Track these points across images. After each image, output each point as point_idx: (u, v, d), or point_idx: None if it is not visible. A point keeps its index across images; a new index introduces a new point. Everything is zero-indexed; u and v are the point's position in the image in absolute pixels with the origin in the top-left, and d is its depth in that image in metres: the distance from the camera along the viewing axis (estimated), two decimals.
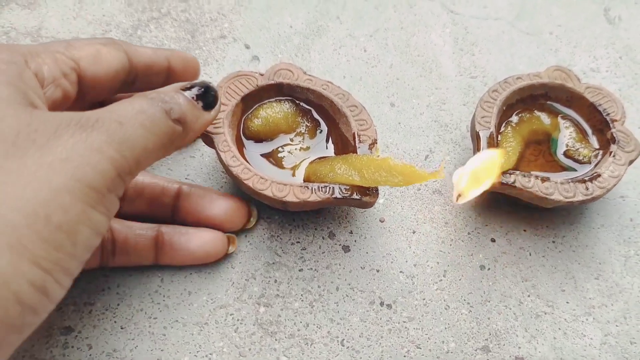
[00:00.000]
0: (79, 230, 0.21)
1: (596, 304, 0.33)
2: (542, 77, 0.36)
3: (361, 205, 0.31)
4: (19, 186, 0.19)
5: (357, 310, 0.31)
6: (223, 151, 0.31)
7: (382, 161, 0.30)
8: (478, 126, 0.33)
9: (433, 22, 0.43)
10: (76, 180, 0.20)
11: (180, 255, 0.31)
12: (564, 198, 0.31)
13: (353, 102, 0.34)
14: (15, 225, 0.19)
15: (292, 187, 0.30)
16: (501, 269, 0.33)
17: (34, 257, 0.19)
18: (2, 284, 0.19)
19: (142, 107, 0.24)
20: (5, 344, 0.20)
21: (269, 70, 0.34)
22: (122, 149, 0.22)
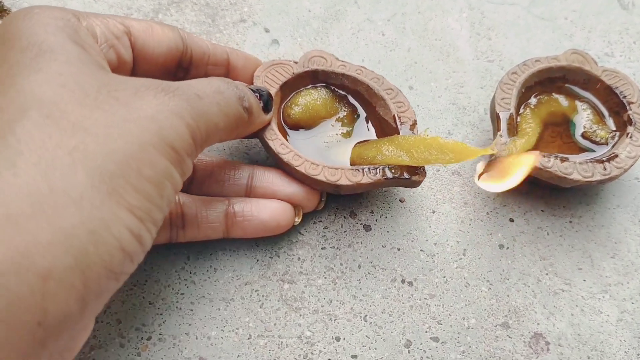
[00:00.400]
0: (165, 185, 0.22)
1: (612, 282, 0.33)
2: (560, 60, 0.36)
3: (410, 184, 0.32)
4: (110, 138, 0.20)
5: (379, 288, 0.32)
6: (271, 139, 0.31)
7: (432, 140, 0.30)
8: (498, 107, 0.34)
9: (450, 7, 0.44)
10: (161, 138, 0.21)
11: (252, 227, 0.31)
12: (582, 178, 0.32)
13: (388, 85, 0.34)
14: (112, 174, 0.20)
15: (343, 170, 0.31)
16: (520, 247, 0.34)
17: (129, 205, 0.20)
18: (106, 229, 0.19)
19: (219, 87, 0.26)
20: (106, 291, 0.20)
21: (302, 57, 0.34)
22: (199, 120, 0.23)
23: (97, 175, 0.19)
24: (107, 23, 0.26)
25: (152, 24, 0.28)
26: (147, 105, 0.22)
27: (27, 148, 0.19)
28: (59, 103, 0.20)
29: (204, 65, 0.31)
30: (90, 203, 0.19)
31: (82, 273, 0.19)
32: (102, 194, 0.19)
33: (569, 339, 0.31)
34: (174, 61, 0.29)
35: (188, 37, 0.30)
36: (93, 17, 0.25)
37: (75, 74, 0.21)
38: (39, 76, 0.21)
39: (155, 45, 0.28)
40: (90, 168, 0.19)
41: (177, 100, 0.23)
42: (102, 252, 0.19)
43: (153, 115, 0.22)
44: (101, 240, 0.19)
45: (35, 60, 0.21)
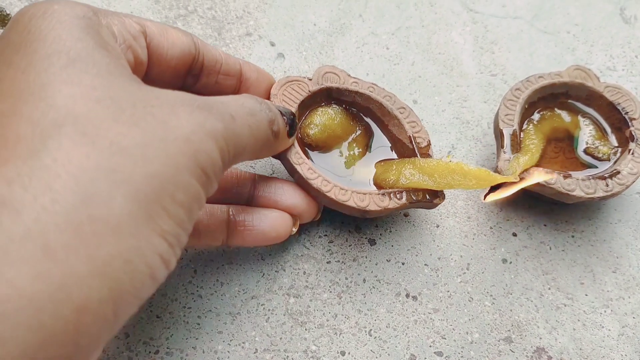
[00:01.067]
0: (194, 208, 0.21)
1: (614, 296, 0.34)
2: (563, 76, 0.36)
3: (431, 206, 0.32)
4: (148, 159, 0.19)
5: (383, 302, 0.33)
6: (298, 163, 0.31)
7: (456, 166, 0.31)
8: (502, 124, 0.34)
9: (453, 21, 0.44)
10: (195, 161, 0.21)
11: (251, 236, 0.30)
12: (585, 194, 0.32)
13: (400, 104, 0.34)
14: (149, 199, 0.19)
15: (371, 195, 0.31)
16: (522, 262, 0.34)
17: (162, 231, 0.20)
18: (141, 258, 0.19)
19: (252, 109, 0.25)
20: (127, 316, 0.20)
21: (316, 74, 0.34)
22: (230, 143, 0.23)
23: (134, 200, 0.19)
24: (124, 22, 0.25)
25: (166, 26, 0.28)
26: (183, 124, 0.21)
27: (65, 170, 0.18)
28: (94, 119, 0.19)
29: (215, 74, 0.30)
30: (127, 231, 0.18)
31: (115, 303, 0.18)
32: (139, 220, 0.19)
33: (571, 354, 0.32)
34: (186, 66, 0.29)
35: (201, 43, 0.29)
36: (111, 16, 0.25)
37: (109, 88, 0.20)
38: (73, 90, 0.20)
39: (169, 47, 0.27)
40: (128, 193, 0.19)
41: (213, 120, 0.22)
42: (135, 281, 0.19)
43: (189, 137, 0.21)
44: (135, 269, 0.19)
45: (66, 70, 0.20)
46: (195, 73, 0.30)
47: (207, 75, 0.30)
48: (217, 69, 0.30)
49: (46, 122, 0.19)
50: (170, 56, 0.27)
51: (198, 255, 0.33)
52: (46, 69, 0.20)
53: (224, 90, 0.31)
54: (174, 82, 0.29)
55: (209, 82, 0.30)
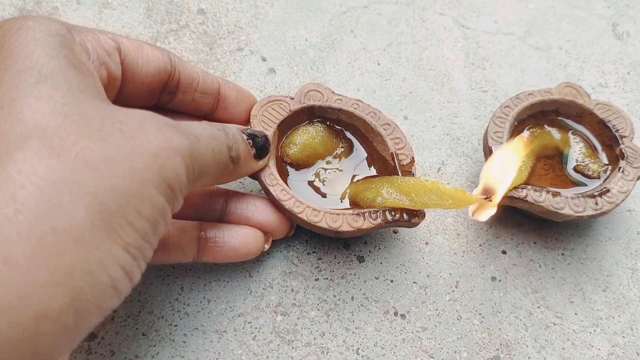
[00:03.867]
0: (159, 222, 0.22)
1: (604, 315, 0.33)
2: (553, 93, 0.36)
3: (409, 225, 0.31)
4: (113, 173, 0.20)
5: (371, 320, 0.32)
6: (271, 185, 0.31)
7: (432, 185, 0.30)
8: (491, 141, 0.34)
9: (445, 37, 0.44)
10: (162, 177, 0.21)
11: (222, 253, 0.30)
12: (574, 212, 0.32)
13: (385, 120, 0.34)
14: (112, 212, 0.19)
15: (344, 216, 0.30)
16: (512, 280, 0.34)
17: (125, 243, 0.20)
18: (102, 269, 0.19)
19: (213, 133, 0.26)
20: (90, 326, 0.20)
21: (298, 92, 0.34)
22: (194, 161, 0.23)
23: (97, 212, 0.19)
24: (98, 39, 0.25)
25: (142, 43, 0.28)
26: (151, 140, 0.21)
27: (29, 182, 0.18)
28: (61, 133, 0.20)
29: (191, 92, 0.30)
30: (89, 242, 0.19)
31: (76, 312, 0.19)
32: (102, 232, 0.19)
33: None
34: (161, 83, 0.29)
35: (178, 61, 0.29)
36: (85, 32, 0.25)
37: (78, 104, 0.21)
38: (42, 105, 0.20)
39: (143, 64, 0.27)
40: (91, 205, 0.19)
41: (180, 138, 0.23)
42: (97, 291, 0.19)
43: (156, 152, 0.21)
44: (96, 280, 0.19)
45: (37, 87, 0.21)
46: (171, 90, 0.30)
47: (183, 92, 0.30)
48: (194, 87, 0.30)
49: (14, 135, 0.19)
50: (145, 73, 0.28)
51: (185, 272, 0.33)
52: (17, 85, 0.20)
53: (201, 108, 0.31)
54: (149, 99, 0.29)
55: (185, 100, 0.31)
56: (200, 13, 0.44)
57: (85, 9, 0.43)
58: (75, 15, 0.42)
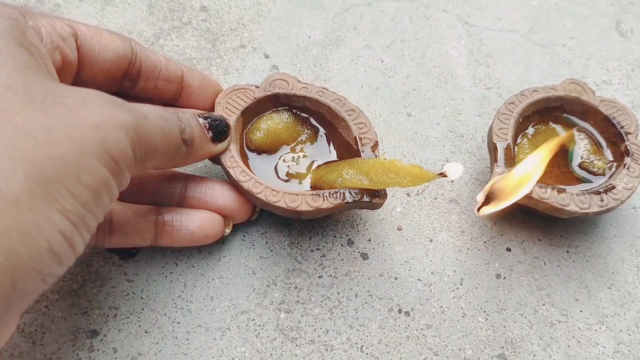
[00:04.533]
0: (101, 193, 0.22)
1: (609, 313, 0.33)
2: (558, 89, 0.36)
3: (371, 206, 0.32)
4: (52, 142, 0.20)
5: (375, 317, 0.32)
6: (231, 167, 0.31)
7: (390, 163, 0.30)
8: (495, 138, 0.34)
9: (448, 34, 0.44)
10: (103, 148, 0.22)
11: (179, 236, 0.31)
12: (579, 209, 0.32)
13: (350, 107, 0.34)
14: (50, 178, 0.20)
15: (304, 196, 0.31)
16: (516, 277, 0.34)
17: (64, 209, 0.20)
18: (39, 231, 0.19)
19: (164, 115, 0.26)
20: (32, 291, 0.21)
21: (264, 81, 0.35)
22: (141, 137, 0.24)
23: (35, 178, 0.19)
24: (53, 24, 0.26)
25: (101, 29, 0.28)
26: (93, 114, 0.22)
27: None
28: (3, 104, 0.20)
29: (153, 79, 0.31)
30: (26, 205, 0.19)
31: (12, 272, 0.19)
32: (39, 197, 0.19)
33: None
34: (121, 69, 0.29)
35: (140, 48, 0.30)
36: (40, 17, 0.25)
37: (22, 79, 0.21)
38: None
39: (101, 50, 0.28)
40: (29, 170, 0.19)
41: (125, 113, 0.23)
42: (33, 253, 0.19)
43: (98, 125, 0.22)
44: (33, 241, 0.19)
45: None
46: (133, 77, 0.30)
47: (144, 80, 0.31)
48: (156, 75, 0.31)
49: None
50: (103, 59, 0.28)
51: (188, 269, 0.33)
52: None
53: (163, 95, 0.32)
54: (108, 85, 0.30)
55: (147, 87, 0.31)
56: (202, 10, 0.43)
57: (87, 6, 0.42)
58: (77, 13, 0.42)
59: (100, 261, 0.33)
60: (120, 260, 0.33)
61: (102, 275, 0.32)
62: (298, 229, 0.35)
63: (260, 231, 0.34)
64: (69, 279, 0.32)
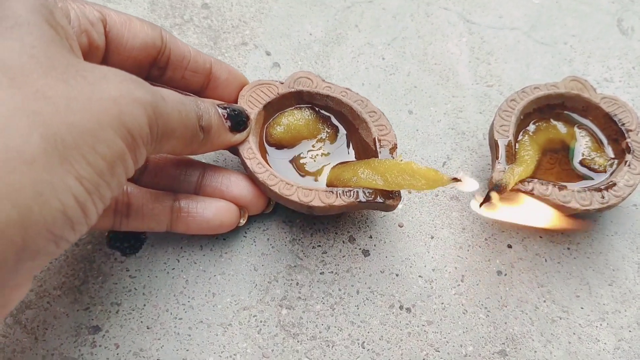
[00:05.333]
0: (117, 165, 0.22)
1: (610, 309, 0.33)
2: (559, 87, 0.36)
3: (384, 208, 0.32)
4: (70, 110, 0.21)
5: (377, 314, 0.32)
6: (248, 158, 0.32)
7: (405, 165, 0.30)
8: (497, 134, 0.34)
9: (450, 32, 0.44)
10: (120, 121, 0.22)
11: (195, 223, 0.31)
12: (580, 206, 0.32)
13: (372, 108, 0.34)
14: (66, 144, 0.20)
15: (317, 192, 0.31)
16: (517, 274, 0.34)
17: (78, 175, 0.21)
18: (53, 192, 0.20)
19: (182, 99, 0.27)
20: (43, 252, 0.21)
21: (289, 78, 0.35)
22: (159, 116, 0.24)
23: (51, 141, 0.20)
24: (83, 8, 0.26)
25: (132, 17, 0.29)
26: (112, 88, 0.22)
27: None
28: (25, 70, 0.21)
29: (181, 69, 0.31)
30: (41, 166, 0.19)
31: (24, 229, 0.19)
32: (54, 159, 0.20)
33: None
34: (149, 57, 0.30)
35: (170, 38, 0.30)
36: (70, 1, 0.26)
37: (46, 50, 0.22)
38: (12, 44, 0.21)
39: (130, 37, 0.28)
40: (46, 134, 0.20)
41: (144, 92, 0.23)
42: (46, 213, 0.20)
43: (116, 99, 0.22)
44: (46, 201, 0.20)
45: (11, 30, 0.22)
46: (161, 66, 0.31)
47: (173, 69, 0.31)
48: (184, 65, 0.31)
49: None
50: (131, 46, 0.29)
51: (190, 265, 0.33)
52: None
53: (190, 85, 0.32)
54: (136, 72, 0.30)
55: (175, 77, 0.32)
56: (204, 7, 0.43)
57: None
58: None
59: (102, 257, 0.33)
60: (122, 256, 0.33)
61: (104, 272, 0.32)
62: (299, 225, 0.35)
63: (262, 228, 0.35)
64: (71, 275, 0.32)
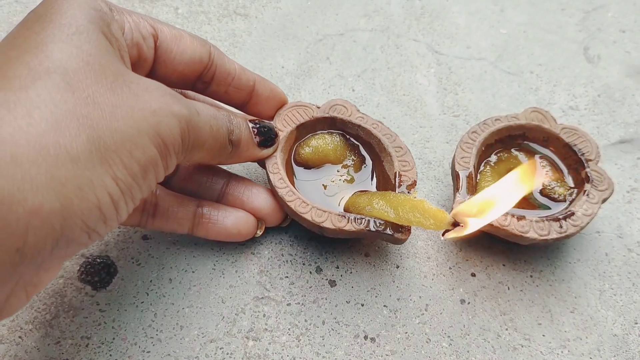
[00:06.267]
0: (149, 170, 0.25)
1: (571, 337, 0.34)
2: (520, 118, 0.37)
3: (393, 240, 0.33)
4: (115, 117, 0.23)
5: (342, 344, 0.33)
6: (272, 172, 0.34)
7: (418, 202, 0.32)
8: (458, 166, 0.35)
9: (418, 63, 0.45)
10: (156, 131, 0.24)
11: (215, 230, 0.34)
12: (538, 236, 0.33)
13: (399, 144, 0.36)
14: (108, 146, 0.23)
15: (330, 214, 0.32)
16: (480, 302, 0.35)
17: (115, 176, 0.23)
18: (91, 188, 0.22)
19: (215, 114, 0.29)
20: (77, 242, 0.23)
21: (326, 104, 0.37)
22: (191, 130, 0.27)
23: (95, 143, 0.22)
24: (138, 22, 0.29)
25: (183, 33, 0.31)
26: (152, 101, 0.25)
27: (44, 104, 0.21)
28: (80, 75, 0.23)
29: (225, 85, 0.33)
30: (84, 164, 0.22)
31: (63, 218, 0.21)
32: (96, 159, 0.22)
33: None
34: (196, 72, 0.32)
35: (218, 54, 0.33)
36: (127, 14, 0.29)
37: (101, 59, 0.24)
38: (71, 50, 0.23)
39: (178, 52, 0.31)
40: (91, 136, 0.22)
41: (180, 106, 0.26)
42: (83, 206, 0.22)
43: (155, 111, 0.25)
44: (85, 196, 0.22)
45: (71, 37, 0.24)
46: (206, 80, 0.33)
47: (217, 84, 0.33)
48: (229, 81, 0.33)
49: (40, 68, 0.22)
50: (178, 61, 0.31)
51: (158, 299, 0.33)
52: (55, 33, 0.24)
53: (232, 100, 0.35)
54: (182, 85, 0.33)
55: (218, 91, 0.34)
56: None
57: None
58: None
59: (73, 292, 0.34)
60: (92, 290, 0.34)
61: (75, 306, 0.33)
62: (268, 257, 0.36)
63: (231, 260, 0.35)
64: (42, 310, 0.33)
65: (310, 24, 0.47)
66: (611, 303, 0.35)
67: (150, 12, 0.46)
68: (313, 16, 0.48)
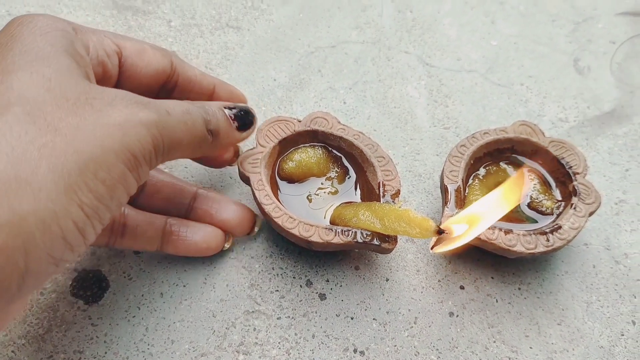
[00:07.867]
0: (117, 188, 0.24)
1: (558, 349, 0.34)
2: (508, 131, 0.38)
3: (380, 250, 0.33)
4: (77, 139, 0.23)
5: (331, 357, 0.33)
6: (258, 189, 0.34)
7: (403, 212, 0.32)
8: (446, 180, 0.35)
9: (409, 75, 0.46)
10: (123, 144, 0.24)
11: (184, 245, 0.34)
12: (525, 250, 0.33)
13: (381, 153, 0.36)
14: (71, 173, 0.22)
15: (317, 228, 0.33)
16: (469, 315, 0.35)
17: (80, 202, 0.22)
18: (54, 220, 0.21)
19: (188, 109, 0.28)
20: (44, 273, 0.22)
21: (307, 117, 0.37)
22: (164, 133, 0.26)
23: (58, 171, 0.22)
24: (101, 40, 0.29)
25: (145, 46, 0.31)
26: (117, 114, 0.24)
27: (4, 139, 0.21)
28: (40, 104, 0.23)
29: (187, 91, 0.34)
30: (46, 195, 0.21)
31: (27, 254, 0.21)
32: (59, 188, 0.22)
33: None
34: (159, 82, 0.32)
35: (179, 63, 0.33)
36: (90, 33, 0.29)
37: (61, 82, 0.24)
38: (31, 78, 0.23)
39: (143, 66, 0.31)
40: (53, 164, 0.22)
41: (147, 112, 0.25)
42: (47, 239, 0.21)
43: (121, 123, 0.24)
44: (48, 228, 0.21)
45: (31, 64, 0.24)
46: (169, 88, 0.33)
47: (179, 91, 0.34)
48: (191, 88, 0.34)
49: (2, 100, 0.22)
50: (144, 74, 0.31)
51: (150, 313, 0.34)
52: (15, 61, 0.24)
53: None
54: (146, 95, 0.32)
55: (181, 98, 0.33)
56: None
57: None
58: None
59: (66, 306, 0.34)
60: (85, 304, 0.34)
61: (67, 320, 0.33)
62: (258, 270, 0.36)
63: (222, 274, 0.36)
64: (35, 324, 0.33)
65: (302, 37, 0.48)
66: (598, 315, 0.35)
67: (143, 25, 0.47)
68: (305, 29, 0.48)
